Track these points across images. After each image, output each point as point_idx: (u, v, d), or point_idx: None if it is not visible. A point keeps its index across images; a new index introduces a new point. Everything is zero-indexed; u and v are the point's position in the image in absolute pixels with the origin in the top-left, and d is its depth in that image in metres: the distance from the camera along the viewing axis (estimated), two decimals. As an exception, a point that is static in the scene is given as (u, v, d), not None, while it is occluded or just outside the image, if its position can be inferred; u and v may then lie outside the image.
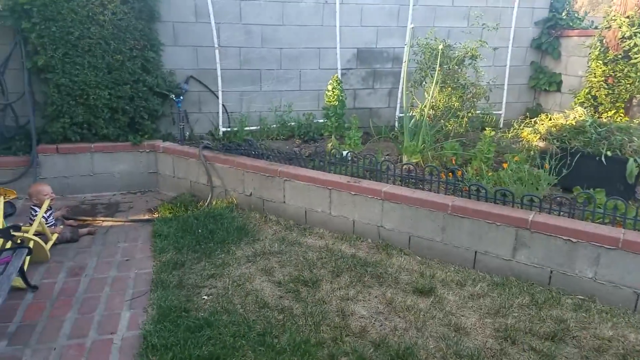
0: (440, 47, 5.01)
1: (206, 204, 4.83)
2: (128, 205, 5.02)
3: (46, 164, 5.03)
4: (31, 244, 3.55)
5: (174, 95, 5.47)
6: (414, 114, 5.33)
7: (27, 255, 3.22)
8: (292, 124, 6.10)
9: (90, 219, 4.60)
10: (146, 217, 4.72)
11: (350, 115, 5.67)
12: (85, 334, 2.92)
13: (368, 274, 3.63)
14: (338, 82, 5.00)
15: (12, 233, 3.24)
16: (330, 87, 5.02)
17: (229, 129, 5.91)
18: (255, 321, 3.05)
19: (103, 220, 4.60)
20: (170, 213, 4.70)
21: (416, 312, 3.22)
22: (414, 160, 4.79)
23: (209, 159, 4.98)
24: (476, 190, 3.91)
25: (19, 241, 3.31)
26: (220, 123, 5.87)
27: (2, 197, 3.75)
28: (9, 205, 4.54)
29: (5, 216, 4.47)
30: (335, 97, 4.97)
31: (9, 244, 3.29)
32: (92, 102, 4.98)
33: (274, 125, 6.09)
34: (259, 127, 6.04)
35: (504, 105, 7.14)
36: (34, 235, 3.63)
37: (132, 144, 5.24)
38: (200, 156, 4.96)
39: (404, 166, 4.29)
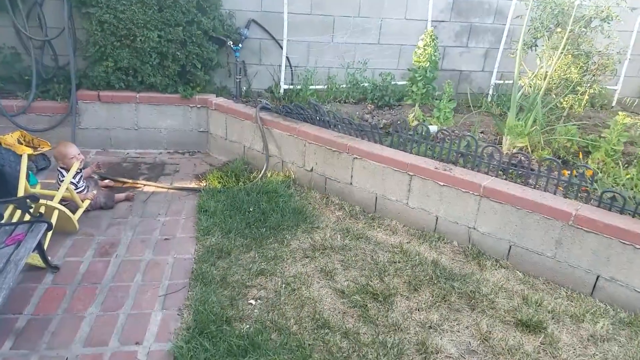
0: (577, 2, 3.84)
1: (260, 175, 4.15)
2: (174, 168, 4.44)
3: (86, 112, 4.50)
4: (56, 214, 3.03)
5: (231, 42, 4.70)
6: (521, 84, 4.26)
7: (48, 230, 2.69)
8: (366, 84, 5.19)
9: (130, 181, 4.06)
10: (192, 185, 4.11)
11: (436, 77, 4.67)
12: (105, 341, 2.37)
13: (455, 292, 2.84)
14: (433, 37, 4.00)
15: (29, 204, 2.69)
16: (421, 44, 4.04)
17: (291, 87, 5.11)
18: (312, 347, 2.38)
19: (144, 184, 4.04)
20: (219, 183, 4.06)
21: (522, 357, 2.43)
22: (520, 145, 3.81)
23: (267, 123, 4.24)
24: (609, 198, 2.94)
25: (38, 213, 2.78)
26: (282, 79, 5.06)
27: (25, 154, 3.22)
28: (42, 157, 4.07)
29: (39, 169, 4.03)
30: (427, 56, 3.99)
31: (27, 217, 2.77)
32: (138, 45, 4.31)
33: (344, 85, 5.21)
34: (326, 86, 5.19)
35: (621, 80, 5.81)
36: (61, 202, 3.11)
37: (182, 97, 4.58)
38: (257, 119, 4.22)
39: (514, 155, 3.32)
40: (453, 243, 3.34)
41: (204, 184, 4.11)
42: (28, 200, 2.66)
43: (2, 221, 2.66)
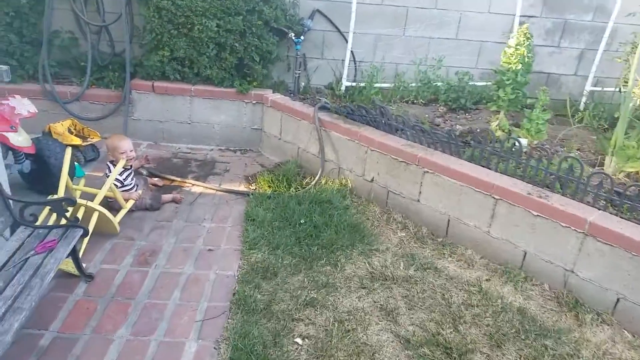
0: None
1: (314, 182, 3.75)
2: (224, 167, 4.14)
3: (140, 102, 4.29)
4: (95, 216, 2.79)
5: (293, 34, 4.31)
6: (633, 95, 3.55)
7: (83, 236, 2.43)
8: (438, 84, 4.65)
9: (178, 179, 3.79)
10: (242, 187, 3.79)
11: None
12: (131, 375, 2.07)
13: (548, 353, 2.30)
14: (527, 36, 3.39)
15: (65, 207, 2.44)
16: (513, 42, 3.44)
17: (354, 84, 4.66)
18: (368, 410, 1.95)
19: (192, 184, 3.77)
20: (269, 187, 3.71)
21: None
22: (629, 170, 3.15)
23: (325, 124, 3.82)
24: None
25: (75, 217, 2.53)
26: (345, 75, 4.62)
27: (69, 148, 3.00)
28: (91, 148, 3.90)
29: (87, 161, 3.86)
30: (519, 57, 3.39)
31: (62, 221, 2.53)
32: (196, 34, 4.02)
33: (413, 84, 4.69)
34: (393, 84, 4.69)
35: None
36: (105, 200, 2.87)
37: (237, 92, 4.26)
38: (315, 119, 3.82)
39: (629, 186, 2.69)
40: (544, 286, 2.77)
41: (254, 187, 3.78)
42: (64, 203, 2.41)
43: (36, 223, 2.43)
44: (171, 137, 4.43)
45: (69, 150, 2.96)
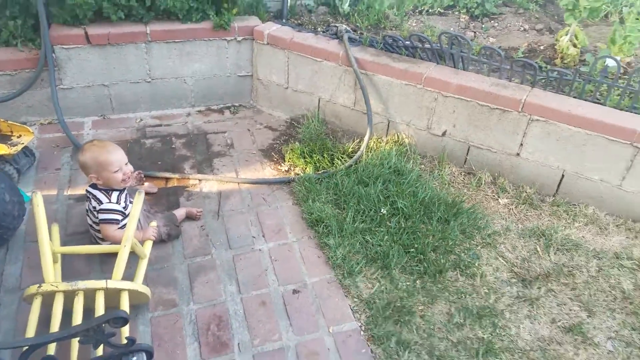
0: None
1: (362, 147, 2.79)
2: (223, 140, 2.96)
3: (70, 63, 2.75)
4: (125, 298, 1.66)
5: None
6: None
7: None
8: (458, -14, 3.72)
9: (177, 176, 2.59)
10: (268, 170, 2.73)
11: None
12: None
13: None
14: None
15: (109, 330, 1.30)
16: None
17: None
18: None
19: (200, 179, 2.60)
20: (306, 164, 2.71)
21: None
22: None
23: (365, 65, 2.79)
24: None
25: (131, 337, 1.40)
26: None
27: (39, 194, 1.64)
28: (23, 154, 2.44)
29: (20, 171, 2.45)
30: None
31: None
32: (141, -60, 2.52)
33: (429, -11, 3.70)
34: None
35: None
36: (98, 238, 1.71)
37: (215, 27, 2.92)
38: (351, 59, 2.75)
39: None
40: (701, 243, 2.38)
41: (286, 168, 2.75)
42: (106, 326, 1.26)
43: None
44: (124, 105, 3.03)
45: (38, 199, 1.63)
